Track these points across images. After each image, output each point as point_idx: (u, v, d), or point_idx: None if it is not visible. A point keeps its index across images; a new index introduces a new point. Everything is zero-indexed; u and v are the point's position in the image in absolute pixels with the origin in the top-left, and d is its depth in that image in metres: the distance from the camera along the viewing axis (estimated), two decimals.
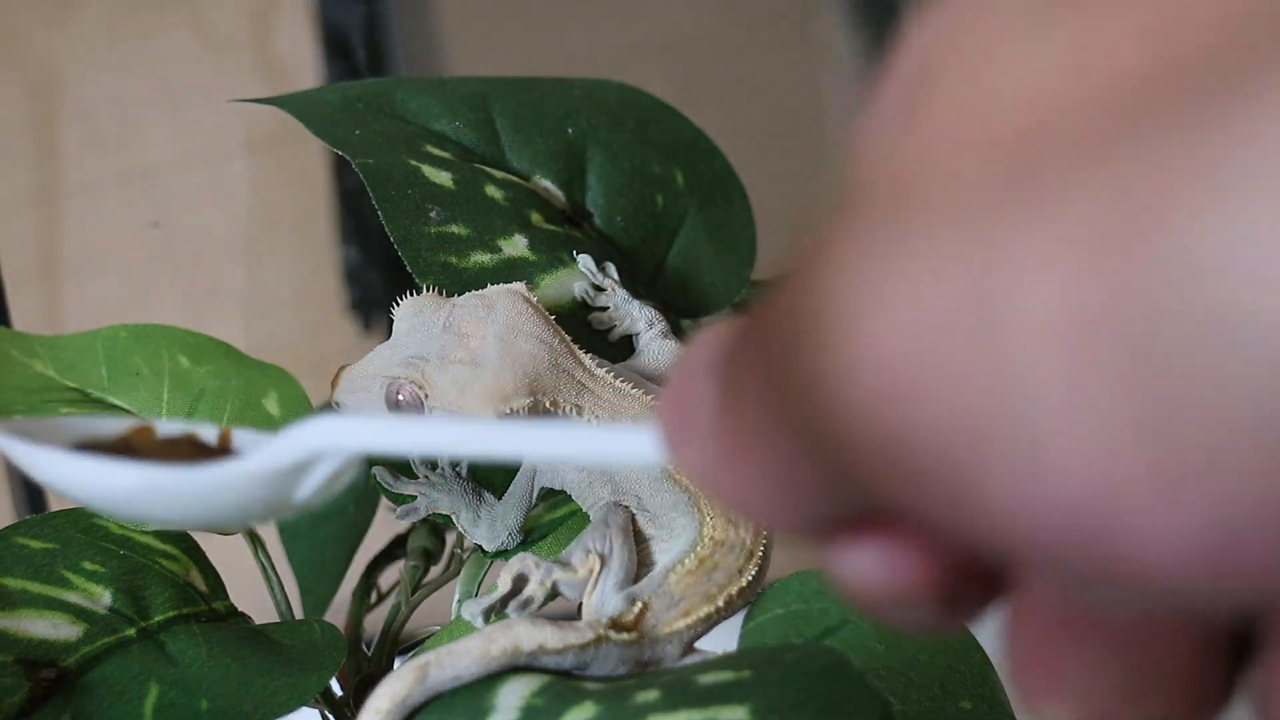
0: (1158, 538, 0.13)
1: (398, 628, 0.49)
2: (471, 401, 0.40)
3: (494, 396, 0.40)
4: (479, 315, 0.41)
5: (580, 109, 0.51)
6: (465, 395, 0.40)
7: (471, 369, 0.40)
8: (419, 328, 0.42)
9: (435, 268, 0.45)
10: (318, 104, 0.48)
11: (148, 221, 1.05)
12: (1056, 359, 0.13)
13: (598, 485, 0.43)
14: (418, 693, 0.37)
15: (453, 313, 0.42)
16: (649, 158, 0.51)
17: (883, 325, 0.14)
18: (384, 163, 0.45)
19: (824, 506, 0.16)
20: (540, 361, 0.41)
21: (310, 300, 1.03)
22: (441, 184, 0.46)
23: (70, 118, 1.08)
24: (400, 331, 0.42)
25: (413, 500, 0.45)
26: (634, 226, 0.50)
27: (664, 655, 0.40)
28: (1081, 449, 0.13)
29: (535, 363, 0.41)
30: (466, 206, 0.46)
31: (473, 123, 0.50)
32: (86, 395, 0.47)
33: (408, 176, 0.45)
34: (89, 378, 0.47)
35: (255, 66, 1.10)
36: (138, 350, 0.48)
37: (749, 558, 0.41)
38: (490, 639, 0.38)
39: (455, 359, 0.40)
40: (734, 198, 0.53)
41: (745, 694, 0.35)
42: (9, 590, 0.40)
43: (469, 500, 0.44)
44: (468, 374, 0.40)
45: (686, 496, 0.42)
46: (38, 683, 0.38)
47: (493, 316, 0.41)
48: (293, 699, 0.40)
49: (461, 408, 0.40)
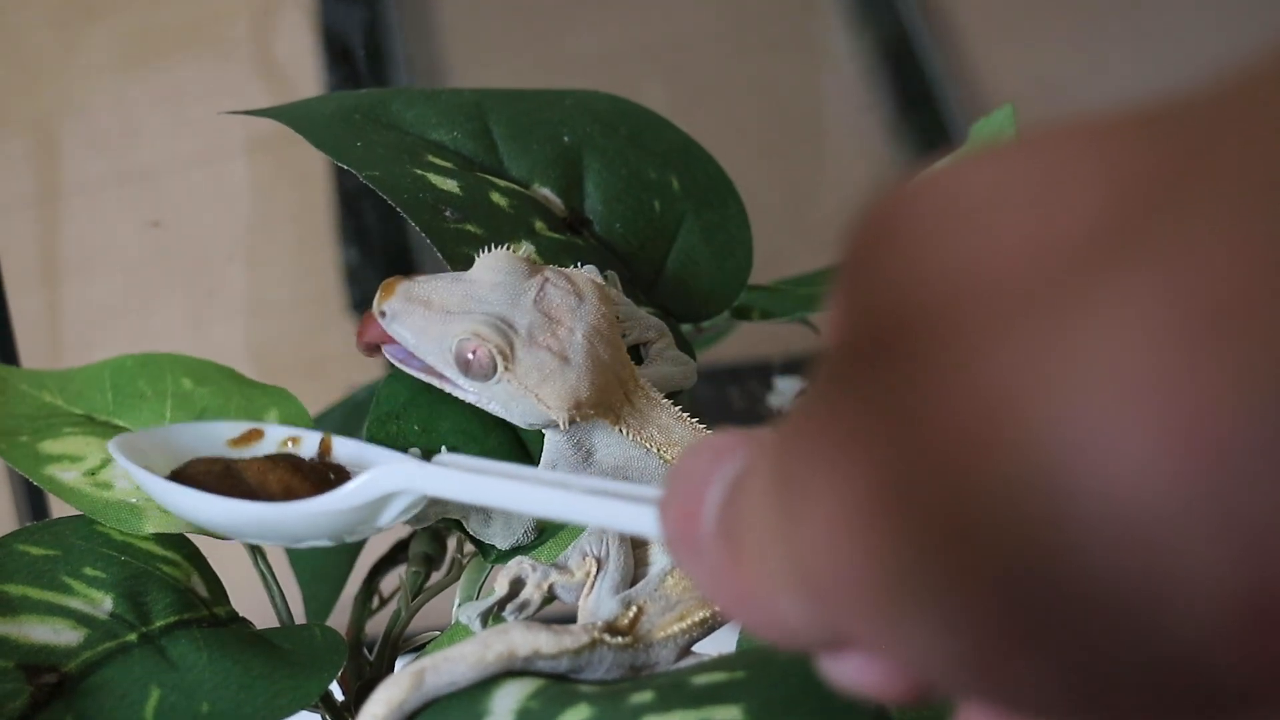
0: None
1: (399, 632, 0.50)
2: (548, 394, 0.40)
3: (570, 399, 0.40)
4: (570, 304, 0.41)
5: (574, 118, 0.52)
6: (544, 386, 0.40)
7: (559, 363, 0.40)
8: (506, 288, 0.40)
9: (460, 258, 0.45)
10: (315, 116, 0.48)
11: (148, 222, 1.05)
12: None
13: None
14: (414, 698, 0.38)
15: (544, 289, 0.41)
16: (644, 164, 0.52)
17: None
18: (390, 174, 0.46)
19: (814, 643, 0.18)
20: (609, 373, 0.41)
21: (310, 300, 1.03)
22: (450, 190, 0.46)
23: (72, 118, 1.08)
24: (483, 282, 0.41)
25: None
26: (632, 232, 0.50)
27: (658, 660, 0.40)
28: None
29: (606, 374, 0.41)
30: (476, 211, 0.46)
31: (470, 132, 0.50)
32: (93, 419, 0.47)
33: (416, 184, 0.46)
34: (95, 403, 0.48)
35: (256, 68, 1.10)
36: (142, 375, 0.48)
37: None
38: (486, 644, 0.38)
39: (544, 344, 0.40)
40: (729, 201, 0.53)
41: (739, 694, 0.35)
42: (10, 596, 0.40)
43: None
44: (555, 366, 0.40)
45: None
46: (39, 688, 0.39)
47: (583, 311, 0.41)
48: (293, 702, 0.40)
49: (535, 395, 0.40)
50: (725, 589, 0.19)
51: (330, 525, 0.39)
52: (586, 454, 0.42)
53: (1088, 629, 0.14)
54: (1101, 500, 0.14)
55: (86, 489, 0.44)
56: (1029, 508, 0.14)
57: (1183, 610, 0.14)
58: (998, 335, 0.15)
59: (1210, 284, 0.13)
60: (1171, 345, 0.13)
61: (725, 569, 0.19)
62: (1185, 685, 0.14)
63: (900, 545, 0.15)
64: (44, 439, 0.45)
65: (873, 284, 0.17)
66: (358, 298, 1.01)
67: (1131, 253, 0.14)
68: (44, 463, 0.44)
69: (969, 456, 0.14)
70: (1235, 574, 0.13)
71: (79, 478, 0.44)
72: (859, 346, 0.16)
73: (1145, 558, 0.14)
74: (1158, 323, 0.13)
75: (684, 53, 1.13)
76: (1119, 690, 0.15)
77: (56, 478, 0.44)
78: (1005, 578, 0.14)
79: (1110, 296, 0.14)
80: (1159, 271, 0.14)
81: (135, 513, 0.43)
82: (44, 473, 0.44)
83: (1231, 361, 0.13)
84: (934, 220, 0.16)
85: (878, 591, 0.16)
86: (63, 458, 0.44)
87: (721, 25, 1.16)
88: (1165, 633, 0.14)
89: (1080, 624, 0.14)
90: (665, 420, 0.42)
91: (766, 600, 0.18)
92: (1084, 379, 0.14)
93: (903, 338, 0.16)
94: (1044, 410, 0.14)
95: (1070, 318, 0.14)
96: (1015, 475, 0.14)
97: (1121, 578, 0.14)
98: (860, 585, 0.16)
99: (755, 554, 0.18)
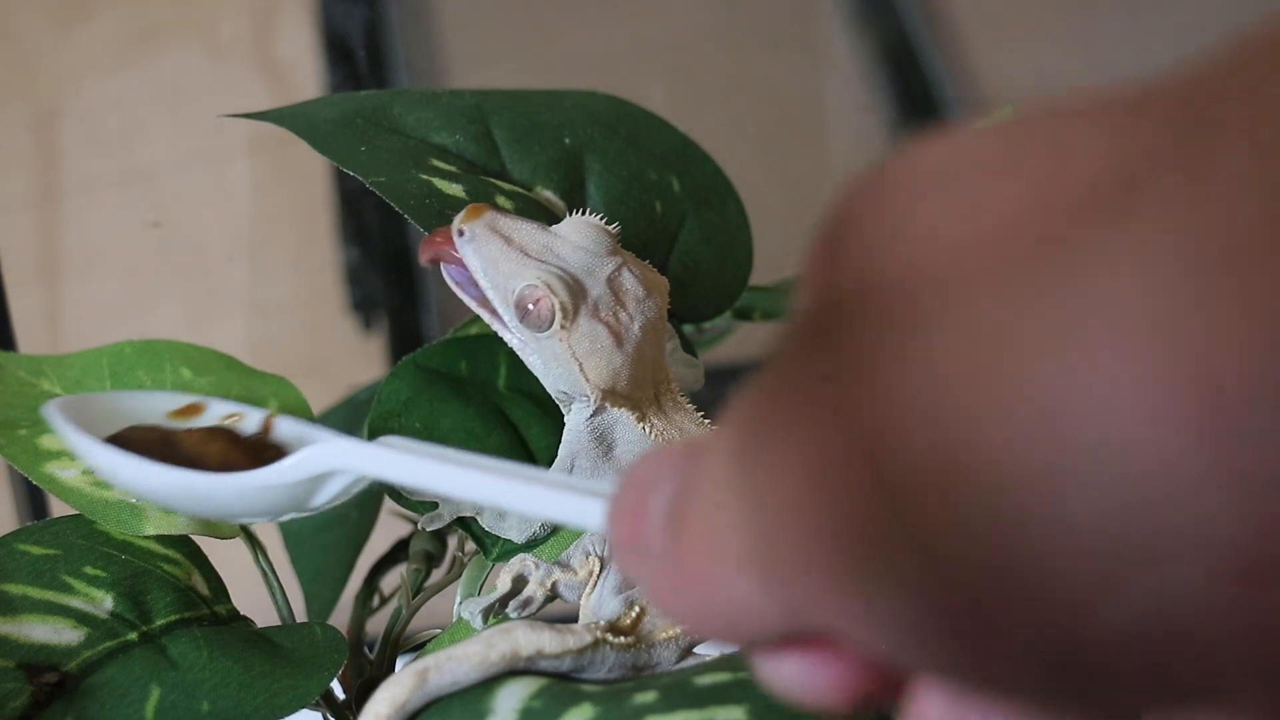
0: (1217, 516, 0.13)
1: (399, 631, 0.50)
2: (592, 368, 0.40)
3: (610, 380, 0.41)
4: (638, 294, 0.41)
5: (574, 119, 0.52)
6: (591, 359, 0.40)
7: (613, 342, 0.40)
8: (588, 255, 0.41)
9: None
10: (317, 120, 0.48)
11: (149, 222, 1.05)
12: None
13: None
14: (417, 697, 0.38)
15: (621, 271, 0.41)
16: (645, 165, 0.52)
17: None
18: (395, 179, 0.45)
19: (764, 634, 0.18)
20: (648, 370, 0.42)
21: (311, 301, 1.03)
22: (456, 195, 0.46)
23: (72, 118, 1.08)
24: (567, 240, 0.41)
25: (435, 507, 0.45)
26: (634, 234, 0.50)
27: (660, 660, 0.40)
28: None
29: (646, 370, 0.41)
30: None
31: (472, 135, 0.50)
32: None
33: (422, 189, 0.46)
34: (93, 391, 0.48)
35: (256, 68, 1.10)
36: (141, 364, 0.48)
37: None
38: (489, 644, 0.38)
39: (605, 319, 0.40)
40: (728, 202, 0.53)
41: (743, 694, 0.35)
42: (10, 596, 0.40)
43: None
44: (608, 343, 0.40)
45: None
46: (40, 687, 0.38)
47: (646, 305, 0.41)
48: (294, 701, 0.40)
49: (580, 364, 0.40)
50: (672, 584, 0.18)
51: (265, 501, 0.37)
52: (607, 447, 0.42)
53: (1076, 584, 0.14)
54: (1101, 446, 0.13)
55: (86, 489, 0.44)
56: (1024, 458, 0.14)
57: (1175, 562, 0.13)
58: (996, 284, 0.14)
59: (1219, 230, 0.13)
60: (1176, 287, 0.13)
61: (673, 564, 0.18)
62: (1168, 655, 0.14)
63: (878, 503, 0.15)
64: (43, 433, 0.45)
65: (865, 239, 0.16)
66: (358, 298, 1.01)
67: (1137, 205, 0.14)
68: (43, 459, 0.44)
69: (960, 403, 0.14)
70: (1240, 525, 0.13)
71: (78, 476, 0.44)
72: (845, 306, 0.16)
73: (1142, 507, 0.13)
74: (1163, 266, 0.13)
75: (684, 53, 1.13)
76: (1096, 655, 0.14)
77: (56, 476, 0.44)
78: (992, 534, 0.14)
79: (1115, 244, 0.14)
80: (1165, 219, 0.13)
81: (135, 513, 0.43)
82: (43, 470, 0.44)
83: (1241, 301, 0.13)
84: (929, 180, 0.16)
85: (850, 555, 0.15)
86: (62, 454, 0.44)
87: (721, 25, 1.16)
88: (1154, 588, 0.14)
89: (1069, 580, 0.14)
90: (688, 425, 0.42)
91: (720, 587, 0.17)
92: (1086, 322, 0.13)
93: (893, 293, 0.15)
94: (1045, 354, 0.14)
95: (1074, 263, 0.14)
96: (1013, 422, 0.14)
97: (1116, 529, 0.13)
98: (830, 551, 0.15)
99: (708, 541, 0.17)
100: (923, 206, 0.16)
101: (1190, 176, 0.13)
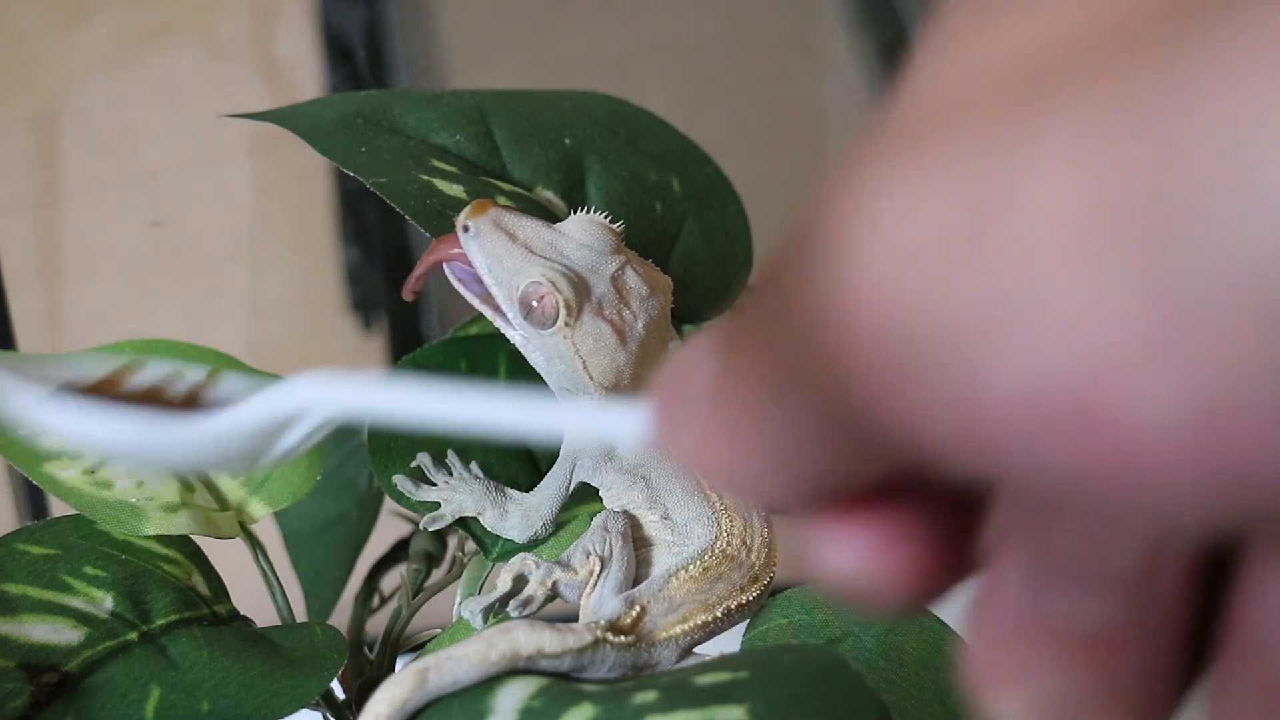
0: (1149, 403, 0.13)
1: (399, 630, 0.50)
2: (595, 365, 0.41)
3: (613, 378, 0.41)
4: (642, 292, 0.41)
5: (574, 120, 0.52)
6: (595, 356, 0.40)
7: (617, 340, 0.41)
8: (592, 253, 0.41)
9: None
10: (319, 122, 0.48)
11: (149, 222, 1.05)
12: (1068, 241, 0.13)
13: (634, 489, 0.43)
14: (417, 697, 0.38)
15: (625, 269, 0.41)
16: (645, 166, 0.52)
17: (892, 233, 0.14)
18: (396, 180, 0.45)
19: (815, 475, 0.17)
20: (649, 369, 0.42)
21: (311, 301, 1.03)
22: (456, 196, 0.46)
23: (72, 118, 1.08)
24: (571, 238, 0.41)
25: (437, 507, 0.45)
26: (635, 234, 0.50)
27: (660, 660, 0.40)
28: (1087, 318, 0.13)
29: (647, 369, 0.42)
30: None
31: (472, 136, 0.50)
32: None
33: (423, 190, 0.46)
34: None
35: (256, 68, 1.10)
36: None
37: (753, 580, 0.42)
38: (490, 644, 0.38)
39: (608, 317, 0.41)
40: (728, 202, 0.53)
41: (743, 694, 0.35)
42: (11, 596, 0.40)
43: (493, 498, 0.44)
44: (611, 341, 0.41)
45: (711, 512, 0.42)
46: (40, 687, 0.38)
47: (650, 303, 0.41)
48: (294, 701, 0.40)
49: (583, 361, 0.40)
50: (719, 447, 0.18)
51: (219, 450, 0.32)
52: (609, 446, 0.42)
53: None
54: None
55: (86, 488, 0.44)
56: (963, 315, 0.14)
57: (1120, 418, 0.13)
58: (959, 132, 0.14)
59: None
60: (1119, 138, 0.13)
61: (721, 417, 0.18)
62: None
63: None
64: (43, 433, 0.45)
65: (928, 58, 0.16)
66: (358, 298, 1.01)
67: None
68: (42, 459, 0.44)
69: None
70: (1185, 396, 0.13)
71: (78, 476, 0.44)
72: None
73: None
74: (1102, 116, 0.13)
75: (684, 53, 1.13)
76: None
77: (55, 476, 0.44)
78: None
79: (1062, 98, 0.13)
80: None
81: (135, 513, 0.43)
82: (42, 470, 0.44)
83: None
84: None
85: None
86: (61, 454, 0.44)
87: (721, 26, 1.16)
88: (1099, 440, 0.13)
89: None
90: None
91: (774, 437, 0.17)
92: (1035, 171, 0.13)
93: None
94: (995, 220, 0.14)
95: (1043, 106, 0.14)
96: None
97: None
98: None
99: (757, 380, 0.17)
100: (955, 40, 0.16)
101: (1180, 32, 0.13)
